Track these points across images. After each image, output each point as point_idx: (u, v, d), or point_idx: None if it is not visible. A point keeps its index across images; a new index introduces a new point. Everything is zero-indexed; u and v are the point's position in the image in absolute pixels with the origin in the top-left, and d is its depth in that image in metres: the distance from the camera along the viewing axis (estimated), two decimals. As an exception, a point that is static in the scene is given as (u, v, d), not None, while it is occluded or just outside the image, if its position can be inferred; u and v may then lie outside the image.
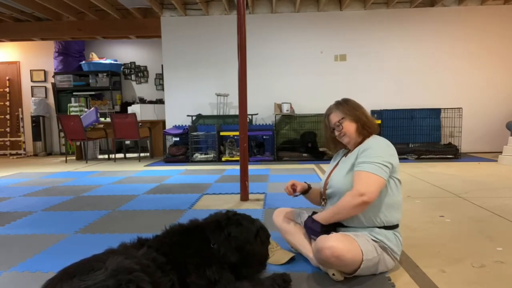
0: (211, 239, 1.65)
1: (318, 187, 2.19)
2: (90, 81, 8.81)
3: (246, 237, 1.70)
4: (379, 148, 1.85)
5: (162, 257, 1.46)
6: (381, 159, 1.80)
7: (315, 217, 1.91)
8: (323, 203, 2.09)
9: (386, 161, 1.81)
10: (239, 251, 1.66)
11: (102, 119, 7.55)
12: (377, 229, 1.84)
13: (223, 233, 1.67)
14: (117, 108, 9.04)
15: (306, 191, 2.18)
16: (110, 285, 1.17)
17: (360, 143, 1.96)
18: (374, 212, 1.84)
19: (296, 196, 2.16)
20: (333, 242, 1.69)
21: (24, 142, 8.84)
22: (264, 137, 7.11)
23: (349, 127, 1.96)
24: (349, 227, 1.89)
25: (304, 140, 6.78)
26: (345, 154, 2.07)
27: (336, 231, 1.90)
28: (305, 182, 2.18)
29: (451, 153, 6.49)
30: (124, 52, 9.37)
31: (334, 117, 2.01)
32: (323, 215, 1.88)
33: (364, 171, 1.78)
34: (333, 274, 1.78)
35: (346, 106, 2.00)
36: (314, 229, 1.91)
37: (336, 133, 2.01)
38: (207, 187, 4.30)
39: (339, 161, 2.09)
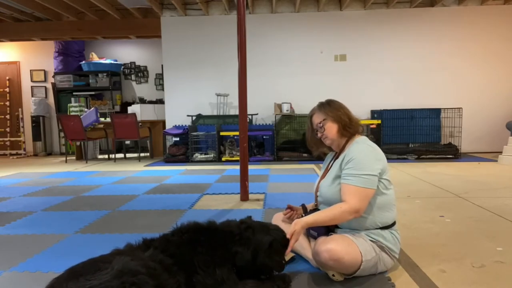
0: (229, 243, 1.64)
1: (311, 203, 2.19)
2: (90, 81, 8.81)
3: (254, 253, 1.64)
4: (364, 157, 1.81)
5: (168, 259, 1.46)
6: (368, 170, 1.78)
7: (310, 217, 1.81)
8: (316, 206, 2.10)
9: (373, 169, 1.79)
10: (248, 266, 1.63)
11: (102, 119, 7.55)
12: (373, 229, 1.84)
13: (243, 241, 1.65)
14: (117, 108, 9.04)
15: (305, 211, 2.16)
16: (114, 286, 1.18)
17: (344, 145, 1.95)
18: (366, 218, 1.84)
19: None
20: (332, 245, 1.69)
21: (24, 142, 8.84)
22: (264, 137, 7.11)
23: (331, 128, 1.94)
24: (345, 228, 1.89)
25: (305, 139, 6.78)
26: (334, 158, 2.05)
27: (334, 231, 1.90)
28: (300, 206, 2.19)
29: (451, 153, 6.49)
30: (124, 52, 9.37)
31: (316, 118, 1.99)
32: (318, 219, 1.80)
33: (354, 186, 1.77)
34: (333, 275, 1.78)
35: (329, 107, 1.98)
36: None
37: (319, 134, 1.99)
38: (207, 187, 4.30)
39: (329, 164, 2.07)
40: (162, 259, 1.44)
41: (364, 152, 1.84)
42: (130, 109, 7.88)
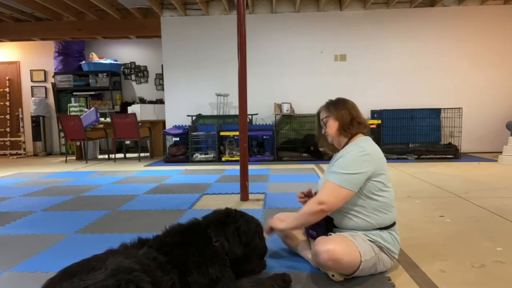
0: (213, 237, 1.66)
1: None
2: (90, 81, 8.82)
3: (253, 231, 1.76)
4: (350, 158, 1.81)
5: (162, 257, 1.46)
6: (349, 170, 1.78)
7: (281, 223, 1.95)
8: None
9: (356, 171, 1.77)
10: (245, 245, 1.70)
11: (102, 119, 7.55)
12: (372, 230, 1.84)
13: (230, 229, 1.70)
14: (117, 108, 9.04)
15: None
16: (109, 285, 1.17)
17: (345, 145, 1.95)
18: (362, 219, 1.83)
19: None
20: (331, 246, 1.69)
21: (24, 142, 8.84)
22: (264, 137, 7.11)
23: (332, 126, 1.97)
24: (343, 229, 1.89)
25: (306, 141, 6.76)
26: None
27: (333, 231, 1.90)
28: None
29: (451, 153, 6.48)
30: (124, 52, 9.37)
31: (322, 114, 2.05)
32: (298, 221, 1.89)
33: (329, 181, 1.81)
34: (333, 275, 1.78)
35: (333, 105, 2.01)
36: (317, 222, 1.91)
37: (323, 131, 2.04)
38: (207, 187, 4.30)
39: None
40: (156, 256, 1.45)
41: (352, 154, 1.83)
42: (130, 109, 7.88)
